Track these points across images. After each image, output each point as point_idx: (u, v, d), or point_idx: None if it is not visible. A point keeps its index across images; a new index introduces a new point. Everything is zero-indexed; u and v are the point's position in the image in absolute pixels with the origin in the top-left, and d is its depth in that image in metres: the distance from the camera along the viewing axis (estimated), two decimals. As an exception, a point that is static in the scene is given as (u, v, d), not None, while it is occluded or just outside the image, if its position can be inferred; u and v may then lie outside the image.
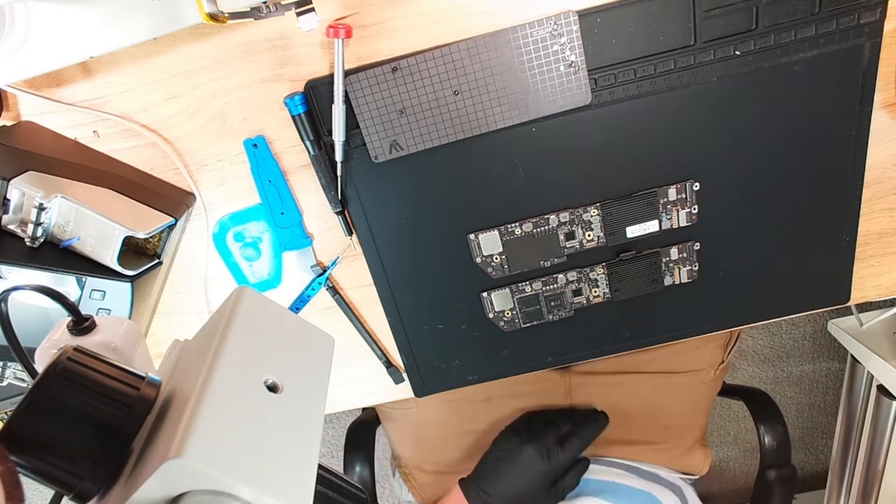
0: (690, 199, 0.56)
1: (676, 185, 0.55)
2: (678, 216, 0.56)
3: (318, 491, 0.28)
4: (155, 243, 0.55)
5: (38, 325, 0.53)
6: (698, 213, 0.56)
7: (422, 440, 0.85)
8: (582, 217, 0.56)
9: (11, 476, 0.23)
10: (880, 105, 0.54)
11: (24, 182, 0.48)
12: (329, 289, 0.60)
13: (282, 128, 0.55)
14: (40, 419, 0.26)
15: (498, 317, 0.60)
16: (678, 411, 0.82)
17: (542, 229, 0.56)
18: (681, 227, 0.57)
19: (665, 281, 0.59)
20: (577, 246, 0.57)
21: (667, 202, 0.56)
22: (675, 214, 0.56)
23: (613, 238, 0.57)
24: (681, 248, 0.57)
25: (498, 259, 0.58)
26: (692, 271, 0.58)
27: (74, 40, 0.45)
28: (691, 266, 0.58)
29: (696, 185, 0.55)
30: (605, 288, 0.59)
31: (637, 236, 0.57)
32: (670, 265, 0.58)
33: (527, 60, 0.50)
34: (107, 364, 0.29)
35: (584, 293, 0.59)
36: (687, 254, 0.58)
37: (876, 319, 1.08)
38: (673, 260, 0.58)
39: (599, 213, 0.56)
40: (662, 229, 0.57)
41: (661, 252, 0.58)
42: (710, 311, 0.61)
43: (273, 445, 0.26)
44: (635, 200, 0.55)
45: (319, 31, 0.50)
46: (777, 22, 0.50)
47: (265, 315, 0.30)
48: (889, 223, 0.59)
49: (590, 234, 0.57)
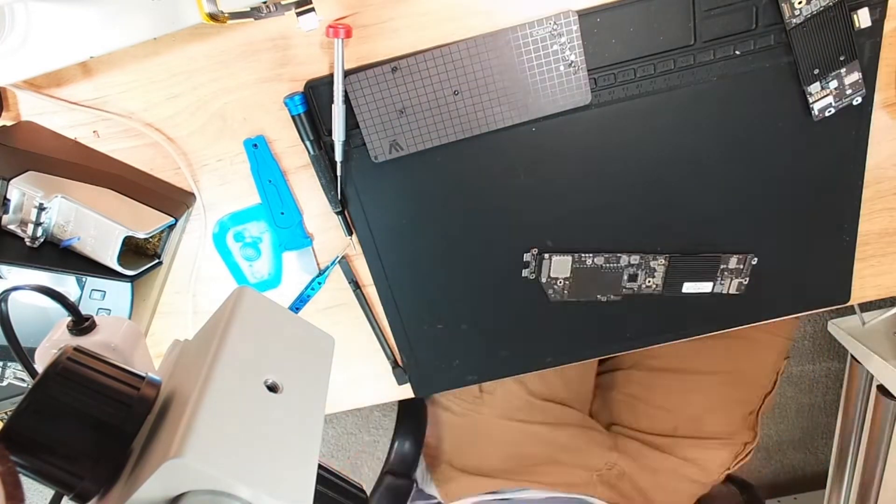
0: (746, 271, 0.57)
1: (738, 255, 0.57)
2: (731, 284, 0.58)
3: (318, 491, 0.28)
4: (155, 243, 0.55)
5: (38, 325, 0.53)
6: (748, 284, 0.58)
7: (465, 442, 0.85)
8: (649, 263, 0.57)
9: (11, 476, 0.23)
10: (880, 105, 0.54)
11: (24, 182, 0.48)
12: (352, 283, 0.60)
13: (282, 128, 0.55)
14: (40, 419, 0.26)
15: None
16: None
17: (612, 266, 0.58)
18: (731, 294, 0.59)
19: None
20: (635, 289, 0.59)
21: (725, 269, 0.57)
22: (728, 282, 0.58)
23: (670, 290, 0.59)
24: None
25: (562, 283, 0.59)
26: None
27: (74, 40, 0.45)
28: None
29: (754, 260, 0.57)
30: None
31: (690, 293, 0.59)
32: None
33: (527, 60, 0.50)
34: (107, 364, 0.28)
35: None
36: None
37: (876, 319, 1.08)
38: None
39: (665, 264, 0.57)
40: (713, 292, 0.59)
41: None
42: (711, 312, 0.61)
43: (273, 445, 0.26)
44: (700, 259, 0.57)
45: (319, 31, 0.50)
46: (777, 21, 0.50)
47: (265, 315, 0.30)
48: (889, 223, 0.59)
49: (650, 280, 0.58)
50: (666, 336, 0.63)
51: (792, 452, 1.65)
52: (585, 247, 0.57)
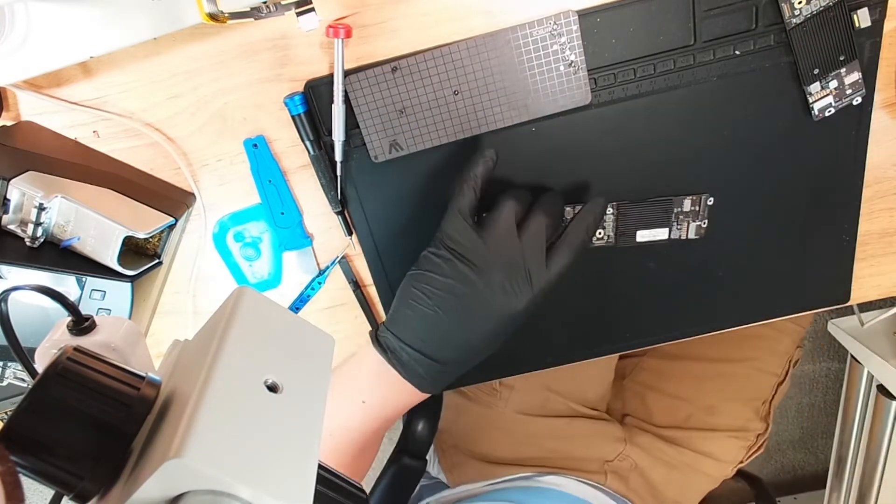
0: (703, 212, 0.56)
1: (692, 196, 0.55)
2: (689, 228, 0.57)
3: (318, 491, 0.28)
4: (155, 243, 0.55)
5: (38, 325, 0.53)
6: (707, 227, 0.57)
7: (478, 429, 0.84)
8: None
9: (11, 476, 0.23)
10: (880, 105, 0.54)
11: (24, 182, 0.48)
12: (352, 283, 0.60)
13: (282, 128, 0.55)
14: (40, 419, 0.26)
15: None
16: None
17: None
18: (689, 238, 0.57)
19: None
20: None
21: (680, 212, 0.56)
22: (685, 226, 0.56)
23: (623, 240, 0.57)
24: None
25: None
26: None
27: (74, 40, 0.45)
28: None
29: (710, 200, 0.55)
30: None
31: (646, 241, 0.57)
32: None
33: (527, 60, 0.50)
34: (107, 364, 0.28)
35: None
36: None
37: (876, 319, 1.08)
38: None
39: (614, 213, 0.56)
40: (671, 238, 0.57)
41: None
42: (710, 311, 0.61)
43: (273, 445, 0.26)
44: (652, 205, 0.55)
45: (319, 31, 0.50)
46: (777, 21, 0.50)
47: (265, 315, 0.30)
48: (889, 223, 0.59)
49: (601, 231, 0.56)
50: (665, 337, 0.63)
51: (792, 452, 1.65)
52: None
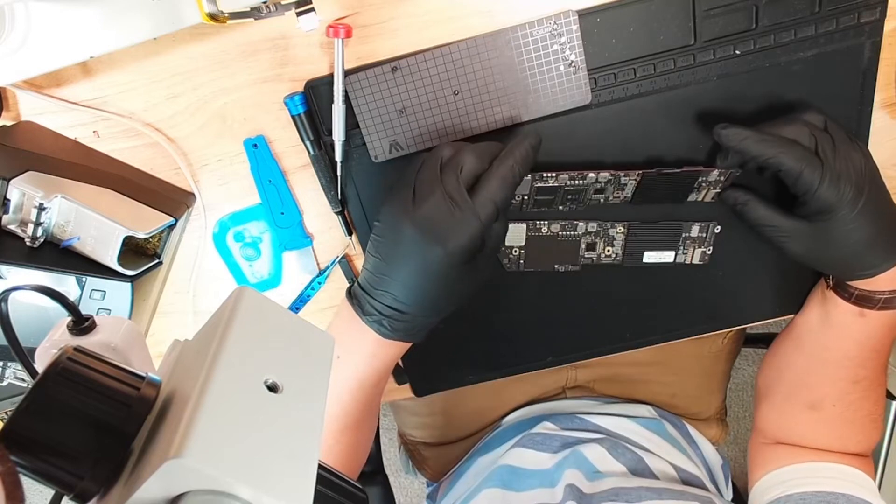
0: (710, 239, 0.56)
1: (700, 223, 0.56)
2: (694, 253, 0.57)
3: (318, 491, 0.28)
4: (155, 243, 0.55)
5: (38, 325, 0.53)
6: (711, 254, 0.57)
7: (432, 420, 0.85)
8: (608, 231, 0.56)
9: (11, 476, 0.23)
10: (880, 105, 0.54)
11: (24, 182, 0.48)
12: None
13: (282, 128, 0.55)
14: (40, 419, 0.26)
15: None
16: (688, 384, 0.81)
17: (569, 234, 0.56)
18: (694, 264, 0.58)
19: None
20: (594, 258, 0.57)
21: (687, 237, 0.56)
22: (691, 251, 0.57)
23: (630, 259, 0.57)
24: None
25: (517, 253, 0.57)
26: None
27: (74, 40, 0.45)
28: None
29: (717, 228, 0.56)
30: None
31: (652, 263, 0.57)
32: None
33: (527, 60, 0.50)
34: (107, 364, 0.28)
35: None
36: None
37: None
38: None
39: (624, 232, 0.56)
40: (676, 262, 0.58)
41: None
42: (710, 311, 0.61)
43: (273, 445, 0.26)
44: (662, 227, 0.56)
45: (319, 31, 0.50)
46: (777, 21, 0.50)
47: (265, 315, 0.30)
48: (889, 223, 0.59)
49: (609, 249, 0.57)
50: (665, 336, 0.63)
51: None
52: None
